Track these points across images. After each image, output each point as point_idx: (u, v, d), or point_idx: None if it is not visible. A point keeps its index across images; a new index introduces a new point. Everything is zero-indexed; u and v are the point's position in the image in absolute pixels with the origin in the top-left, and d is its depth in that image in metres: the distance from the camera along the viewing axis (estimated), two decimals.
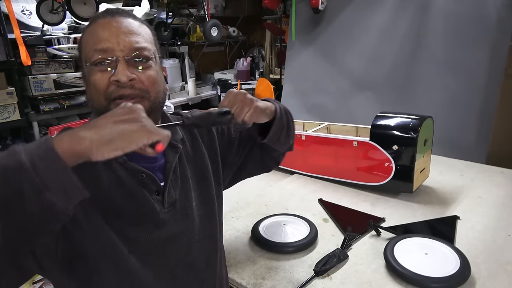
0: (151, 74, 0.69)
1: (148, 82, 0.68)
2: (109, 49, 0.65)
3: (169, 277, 0.72)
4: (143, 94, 0.68)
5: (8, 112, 2.36)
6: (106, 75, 0.66)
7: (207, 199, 0.82)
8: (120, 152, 0.50)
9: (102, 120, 0.52)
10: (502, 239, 1.04)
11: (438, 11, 2.22)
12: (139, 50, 0.67)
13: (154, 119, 0.71)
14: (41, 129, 2.64)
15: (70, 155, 0.48)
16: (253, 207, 1.30)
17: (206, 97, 3.83)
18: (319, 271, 0.92)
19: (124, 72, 0.65)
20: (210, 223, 0.81)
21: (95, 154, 0.49)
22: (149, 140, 0.52)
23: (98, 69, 0.66)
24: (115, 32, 0.66)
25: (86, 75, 0.69)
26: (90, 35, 0.68)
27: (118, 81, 0.65)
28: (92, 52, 0.66)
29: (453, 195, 1.33)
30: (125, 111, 0.53)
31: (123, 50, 0.66)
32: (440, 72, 2.23)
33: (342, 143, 1.41)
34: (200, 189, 0.81)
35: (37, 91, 2.48)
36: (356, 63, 2.63)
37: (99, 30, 0.67)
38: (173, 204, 0.73)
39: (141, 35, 0.69)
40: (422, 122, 1.24)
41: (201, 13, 3.46)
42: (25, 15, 2.68)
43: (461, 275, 0.85)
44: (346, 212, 1.26)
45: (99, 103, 0.67)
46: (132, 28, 0.68)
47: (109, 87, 0.66)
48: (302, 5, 2.86)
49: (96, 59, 0.66)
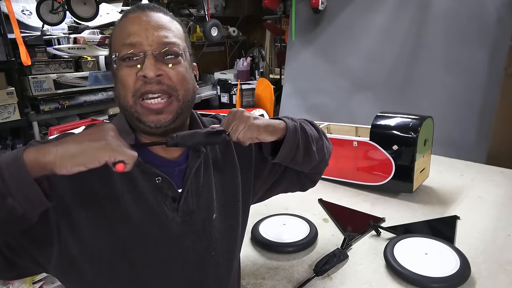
0: (180, 71, 0.66)
1: (176, 79, 0.65)
2: (137, 43, 0.63)
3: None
4: (171, 92, 0.65)
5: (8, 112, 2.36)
6: (134, 70, 0.63)
7: (231, 213, 0.75)
8: (83, 167, 0.51)
9: (70, 137, 0.53)
10: (502, 239, 1.04)
11: (438, 11, 2.22)
12: (168, 45, 0.65)
13: (181, 122, 0.68)
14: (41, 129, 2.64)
15: (35, 166, 0.50)
16: (253, 207, 1.29)
17: (206, 97, 3.83)
18: (319, 271, 0.92)
19: (152, 67, 0.62)
20: (230, 240, 0.74)
21: (58, 167, 0.50)
22: (111, 159, 0.52)
23: (125, 64, 0.64)
24: (144, 26, 0.64)
25: (114, 71, 0.67)
26: (120, 30, 0.66)
27: (145, 76, 0.63)
28: (120, 47, 0.64)
29: (453, 195, 1.33)
30: (93, 129, 0.54)
31: (152, 45, 0.64)
32: (440, 72, 2.23)
33: (342, 143, 1.41)
34: (225, 202, 0.75)
35: (37, 91, 2.48)
36: (356, 63, 2.63)
37: (128, 25, 0.65)
38: (189, 214, 0.68)
39: (171, 30, 0.67)
40: (422, 122, 1.24)
41: (201, 13, 3.46)
42: (25, 15, 2.68)
43: (461, 275, 0.85)
44: (346, 212, 1.26)
45: (126, 101, 0.64)
46: (162, 22, 0.66)
47: (136, 83, 0.64)
48: (302, 5, 2.86)
49: (124, 54, 0.64)
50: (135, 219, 0.64)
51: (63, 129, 1.95)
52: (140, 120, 0.64)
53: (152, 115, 0.64)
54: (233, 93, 3.58)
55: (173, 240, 0.66)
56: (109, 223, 0.62)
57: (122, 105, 0.66)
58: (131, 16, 0.66)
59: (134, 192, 0.64)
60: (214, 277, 0.71)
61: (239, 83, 3.47)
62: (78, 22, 2.76)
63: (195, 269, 0.69)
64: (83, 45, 2.62)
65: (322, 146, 0.84)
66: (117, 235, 0.63)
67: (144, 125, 0.65)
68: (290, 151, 0.75)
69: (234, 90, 3.58)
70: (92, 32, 2.76)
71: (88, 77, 2.65)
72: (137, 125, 0.66)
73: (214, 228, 0.71)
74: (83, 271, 0.62)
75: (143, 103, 0.64)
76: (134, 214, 0.64)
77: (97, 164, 0.51)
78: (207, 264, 0.70)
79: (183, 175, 0.69)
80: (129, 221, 0.63)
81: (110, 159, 0.52)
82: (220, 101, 3.77)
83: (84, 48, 2.63)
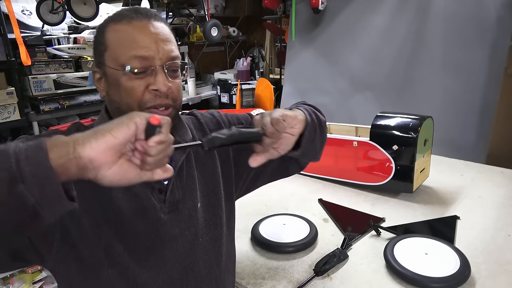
0: (179, 83, 0.70)
1: (177, 92, 0.69)
2: (149, 57, 0.64)
3: (166, 278, 0.70)
4: (173, 103, 0.68)
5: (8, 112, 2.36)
6: (143, 82, 0.65)
7: (215, 201, 0.80)
8: (111, 137, 0.46)
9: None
10: (502, 239, 1.04)
11: (437, 11, 2.22)
12: (174, 59, 0.67)
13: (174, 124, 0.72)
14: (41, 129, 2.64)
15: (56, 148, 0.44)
16: (253, 207, 1.30)
17: (206, 97, 3.83)
18: (319, 271, 0.92)
19: (165, 82, 0.65)
20: (217, 226, 0.79)
21: (81, 145, 0.45)
22: (142, 119, 0.48)
23: (136, 76, 0.65)
24: (154, 38, 0.65)
25: (110, 75, 0.67)
26: (125, 36, 0.65)
27: (157, 90, 0.65)
28: (129, 57, 0.64)
29: (453, 195, 1.33)
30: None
31: (162, 59, 0.66)
32: (440, 72, 2.23)
33: (342, 143, 1.41)
34: (207, 191, 0.79)
35: (37, 91, 2.48)
36: (356, 63, 2.63)
37: (137, 34, 0.65)
38: (175, 204, 0.72)
39: (173, 42, 0.69)
40: (422, 122, 1.24)
41: (201, 13, 3.46)
42: (25, 15, 2.68)
43: (461, 275, 0.85)
44: (346, 212, 1.26)
45: (130, 108, 0.65)
46: (167, 35, 0.68)
47: (145, 94, 0.65)
48: (302, 5, 2.86)
49: (135, 66, 0.64)
50: (126, 210, 0.67)
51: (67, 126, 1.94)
52: None
53: None
54: (233, 93, 3.58)
55: (162, 229, 0.70)
56: (103, 215, 0.65)
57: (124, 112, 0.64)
58: (137, 24, 0.66)
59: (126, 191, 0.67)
60: (204, 262, 0.75)
61: (239, 83, 3.47)
62: (78, 22, 2.76)
63: (185, 254, 0.73)
64: (83, 45, 2.62)
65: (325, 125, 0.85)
66: (111, 226, 0.66)
67: None
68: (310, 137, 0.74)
69: (234, 90, 3.58)
70: (92, 32, 2.76)
71: (88, 77, 2.65)
72: None
73: (199, 216, 0.75)
74: (82, 256, 0.64)
75: (150, 110, 0.66)
76: (125, 206, 0.67)
77: (126, 129, 0.47)
78: (196, 250, 0.74)
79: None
80: (121, 212, 0.66)
81: (140, 119, 0.48)
82: (220, 101, 3.77)
83: (84, 48, 2.63)
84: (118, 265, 0.66)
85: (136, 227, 0.68)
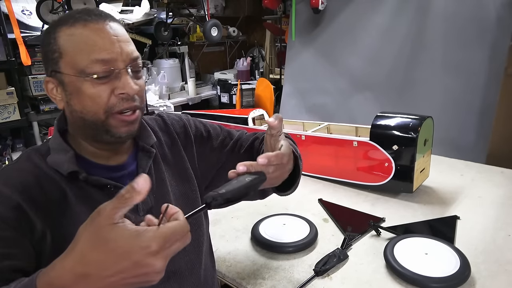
0: (143, 84, 0.68)
1: (141, 93, 0.67)
2: (112, 59, 0.61)
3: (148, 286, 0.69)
4: (141, 105, 0.66)
5: (8, 112, 2.36)
6: (109, 87, 0.62)
7: (190, 201, 0.79)
8: None
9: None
10: (502, 239, 1.04)
11: (437, 12, 2.22)
12: (136, 59, 0.65)
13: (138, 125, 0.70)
14: (41, 129, 2.65)
15: None
16: (253, 207, 1.30)
17: (206, 97, 3.84)
18: (319, 271, 0.92)
19: (132, 85, 0.63)
20: (193, 226, 0.77)
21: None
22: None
23: (99, 82, 0.61)
24: (113, 40, 0.62)
25: (73, 84, 0.62)
26: (83, 40, 0.61)
27: (125, 94, 0.62)
28: (90, 62, 0.60)
29: (453, 195, 1.33)
30: (126, 264, 0.43)
31: (125, 61, 0.63)
32: (440, 72, 2.23)
33: (342, 143, 1.41)
34: (181, 192, 0.78)
35: (37, 91, 2.48)
36: (356, 63, 2.63)
37: (94, 37, 0.61)
38: (149, 211, 0.69)
39: (131, 42, 0.66)
40: (422, 122, 1.24)
41: (201, 13, 3.46)
42: (25, 15, 2.69)
43: (461, 275, 0.85)
44: (346, 212, 1.26)
45: (96, 117, 0.63)
46: (125, 35, 0.65)
47: (110, 99, 0.62)
48: (302, 5, 2.86)
49: (97, 70, 0.61)
50: None
51: None
52: (109, 132, 0.64)
53: (124, 127, 0.65)
54: (233, 93, 3.58)
55: None
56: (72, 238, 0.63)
57: (89, 120, 0.63)
58: (94, 26, 0.62)
59: (90, 204, 0.64)
60: (185, 263, 0.75)
61: (239, 83, 3.47)
62: None
63: None
64: None
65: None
66: None
67: (113, 136, 0.65)
68: (299, 175, 0.77)
69: (234, 90, 3.58)
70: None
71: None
72: (101, 137, 0.66)
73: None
74: None
75: (119, 117, 0.64)
76: None
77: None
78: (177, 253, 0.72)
79: (135, 176, 0.70)
80: None
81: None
82: (220, 101, 3.77)
83: None
84: None
85: None
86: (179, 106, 3.49)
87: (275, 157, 0.62)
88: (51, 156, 0.66)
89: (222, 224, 1.21)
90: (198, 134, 0.86)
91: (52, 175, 0.64)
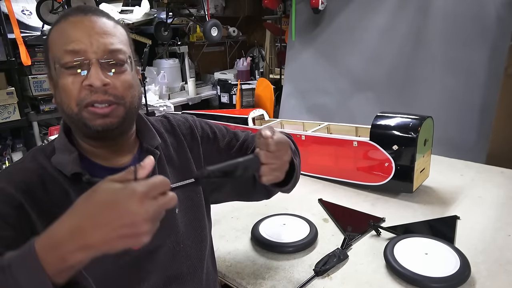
0: (126, 79, 0.64)
1: (122, 88, 0.64)
2: (81, 50, 0.61)
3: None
4: (118, 101, 0.64)
5: (8, 112, 2.36)
6: (78, 79, 0.61)
7: (194, 204, 0.78)
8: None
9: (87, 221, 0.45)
10: (502, 239, 1.04)
11: (437, 11, 2.22)
12: (113, 52, 0.63)
13: (128, 125, 0.69)
14: (41, 129, 2.64)
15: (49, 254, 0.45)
16: (253, 207, 1.30)
17: (206, 97, 3.84)
18: (319, 271, 0.92)
19: (98, 76, 0.61)
20: (197, 230, 0.77)
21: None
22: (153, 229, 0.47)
23: (69, 72, 0.61)
24: (88, 32, 0.61)
25: (54, 77, 0.64)
26: (59, 33, 0.63)
27: (91, 86, 0.61)
28: (61, 53, 0.61)
29: (453, 195, 1.33)
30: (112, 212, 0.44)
31: (97, 52, 0.61)
32: (440, 72, 2.23)
33: (342, 143, 1.41)
34: (184, 196, 0.77)
35: (37, 91, 2.48)
36: (356, 63, 2.63)
37: (69, 29, 0.62)
38: None
39: (116, 36, 0.65)
40: (422, 122, 1.24)
41: (201, 13, 3.46)
42: (25, 15, 2.69)
43: (461, 275, 0.85)
44: (346, 212, 1.26)
45: (70, 110, 0.63)
46: (106, 28, 0.63)
47: (81, 92, 0.61)
48: (302, 5, 2.86)
49: (67, 61, 0.61)
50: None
51: None
52: (87, 125, 0.63)
53: (98, 119, 0.63)
54: (233, 93, 3.58)
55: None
56: None
57: (67, 113, 0.64)
58: (72, 19, 0.63)
59: None
60: (187, 267, 0.75)
61: (239, 83, 3.47)
62: None
63: (168, 263, 0.72)
64: None
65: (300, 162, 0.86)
66: None
67: (91, 130, 0.64)
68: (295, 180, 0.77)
69: (234, 90, 3.58)
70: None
71: None
72: (84, 131, 0.65)
73: (178, 222, 0.74)
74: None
75: (90, 109, 0.62)
76: None
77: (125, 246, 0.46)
78: (179, 257, 0.73)
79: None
80: None
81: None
82: (220, 101, 3.77)
83: None
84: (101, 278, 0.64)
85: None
86: (179, 106, 3.49)
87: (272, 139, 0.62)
88: (56, 157, 0.66)
89: (222, 224, 1.21)
90: (204, 135, 0.86)
91: (55, 176, 0.65)
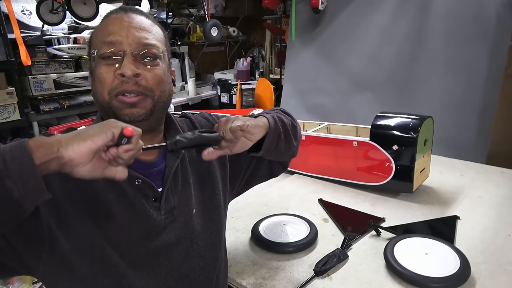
0: (157, 73, 0.68)
1: (153, 81, 0.67)
2: (117, 42, 0.65)
3: (162, 286, 0.69)
4: (147, 93, 0.67)
5: (8, 112, 2.36)
6: (112, 68, 0.65)
7: (211, 206, 0.79)
8: (91, 142, 0.51)
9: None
10: (502, 239, 1.04)
11: (438, 11, 2.22)
12: (147, 46, 0.67)
13: (156, 119, 0.71)
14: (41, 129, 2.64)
15: (40, 148, 0.49)
16: (253, 207, 1.30)
17: (206, 97, 3.84)
18: (319, 271, 0.92)
19: (130, 66, 0.64)
20: (213, 232, 0.78)
21: (64, 146, 0.50)
22: (117, 129, 0.53)
23: (104, 62, 0.66)
24: (125, 26, 0.66)
25: (92, 68, 0.68)
26: (101, 28, 0.68)
27: (123, 75, 0.64)
28: (100, 45, 0.66)
29: (453, 195, 1.33)
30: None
31: (131, 44, 0.66)
32: (440, 72, 2.23)
33: (342, 143, 1.41)
34: (203, 196, 0.79)
35: (37, 91, 2.48)
36: (356, 63, 2.63)
37: (109, 24, 0.67)
38: (171, 211, 0.71)
39: (152, 32, 0.69)
40: (422, 122, 1.24)
41: (201, 13, 3.46)
42: (25, 15, 2.68)
43: (461, 275, 0.85)
44: (346, 212, 1.26)
45: (102, 98, 0.66)
46: (143, 24, 0.68)
47: (114, 81, 0.65)
48: (302, 5, 2.86)
49: (104, 52, 0.65)
50: (120, 218, 0.66)
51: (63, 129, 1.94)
52: (116, 115, 0.66)
53: (127, 108, 0.66)
54: (233, 93, 3.58)
55: (158, 237, 0.69)
56: (97, 223, 0.64)
57: (99, 102, 0.67)
58: (113, 16, 0.68)
59: (118, 193, 0.66)
60: (200, 268, 0.75)
61: (239, 83, 3.47)
62: (78, 22, 2.76)
63: (181, 261, 0.72)
64: (83, 45, 2.62)
65: (296, 131, 0.88)
66: (105, 234, 0.64)
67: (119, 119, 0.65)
68: (273, 142, 0.78)
69: (234, 90, 3.58)
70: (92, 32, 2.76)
71: (88, 77, 2.65)
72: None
73: (195, 222, 0.75)
74: (74, 268, 0.62)
75: (120, 97, 0.66)
76: (119, 214, 0.66)
77: (104, 137, 0.52)
78: (192, 256, 0.73)
79: (162, 175, 0.72)
80: (114, 220, 0.65)
81: (116, 129, 0.53)
82: (220, 101, 3.77)
83: (84, 48, 2.62)
84: (114, 275, 0.65)
85: (131, 235, 0.67)
86: (179, 106, 3.49)
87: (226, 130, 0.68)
88: None
89: None
90: None
91: None
